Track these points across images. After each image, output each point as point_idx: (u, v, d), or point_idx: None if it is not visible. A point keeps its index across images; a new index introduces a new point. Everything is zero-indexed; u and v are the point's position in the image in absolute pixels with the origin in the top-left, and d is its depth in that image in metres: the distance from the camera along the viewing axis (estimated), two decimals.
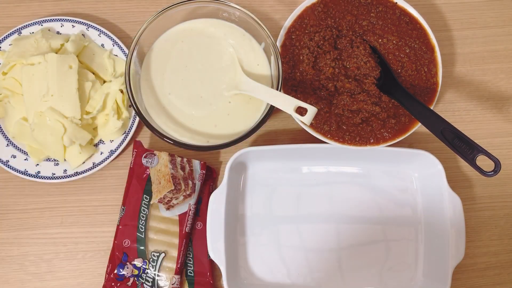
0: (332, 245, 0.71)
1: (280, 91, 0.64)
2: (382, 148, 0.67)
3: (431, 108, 0.67)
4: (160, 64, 0.69)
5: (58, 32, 0.75)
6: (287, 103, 0.62)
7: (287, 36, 0.71)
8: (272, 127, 0.76)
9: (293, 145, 0.68)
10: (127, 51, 0.74)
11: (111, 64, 0.73)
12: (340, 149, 0.67)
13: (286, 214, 0.72)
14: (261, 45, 0.70)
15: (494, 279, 0.73)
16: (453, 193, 0.68)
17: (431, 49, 0.71)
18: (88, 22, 0.75)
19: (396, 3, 0.72)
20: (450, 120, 0.62)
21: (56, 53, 0.69)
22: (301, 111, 0.61)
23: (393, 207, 0.72)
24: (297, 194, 0.72)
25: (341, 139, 0.67)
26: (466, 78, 0.79)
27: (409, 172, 0.73)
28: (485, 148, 0.57)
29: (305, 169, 0.73)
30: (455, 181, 0.74)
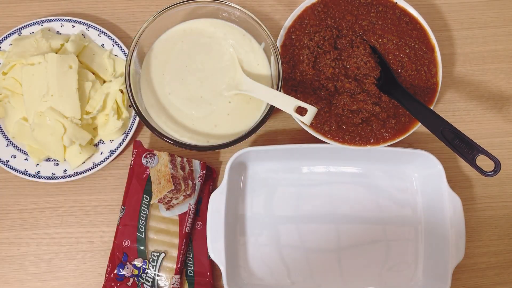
0: (332, 245, 0.71)
1: (280, 91, 0.64)
2: (382, 148, 0.67)
3: (431, 108, 0.67)
4: (160, 64, 0.69)
5: (58, 32, 0.75)
6: (287, 103, 0.62)
7: (287, 36, 0.71)
8: (272, 127, 0.76)
9: (293, 145, 0.68)
10: (127, 51, 0.74)
11: (111, 64, 0.73)
12: (340, 149, 0.67)
13: (286, 214, 0.72)
14: (261, 45, 0.70)
15: (494, 279, 0.73)
16: (453, 193, 0.68)
17: (431, 49, 0.71)
18: (88, 22, 0.75)
19: (396, 3, 0.72)
20: (450, 120, 0.62)
21: (56, 53, 0.69)
22: (301, 111, 0.61)
23: (393, 207, 0.72)
24: (297, 194, 0.72)
25: (341, 139, 0.67)
26: (466, 78, 0.79)
27: (409, 172, 0.73)
28: (485, 148, 0.57)
29: (305, 169, 0.73)
30: (455, 181, 0.74)
